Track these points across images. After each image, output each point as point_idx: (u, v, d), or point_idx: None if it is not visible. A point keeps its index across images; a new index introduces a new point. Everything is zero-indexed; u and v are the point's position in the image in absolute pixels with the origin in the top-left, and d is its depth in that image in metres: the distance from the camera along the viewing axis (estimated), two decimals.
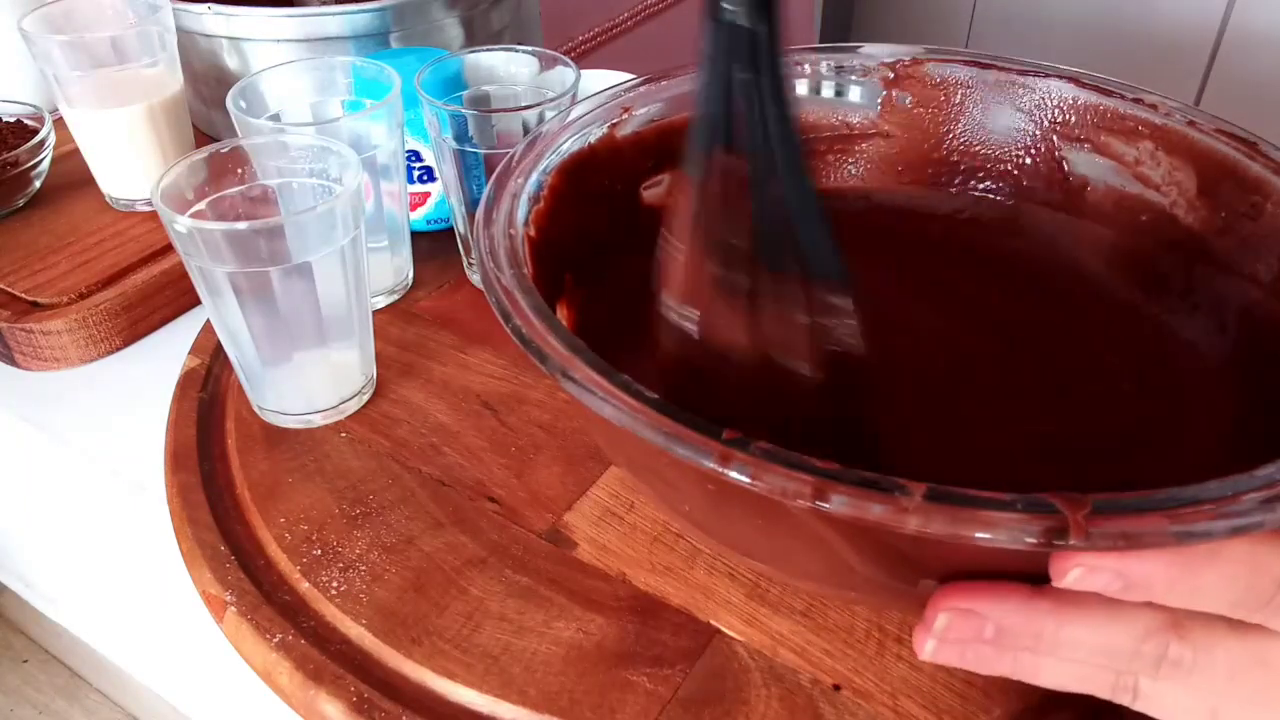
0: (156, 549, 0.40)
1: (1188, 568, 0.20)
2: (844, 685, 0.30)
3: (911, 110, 0.41)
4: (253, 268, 0.35)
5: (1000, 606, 0.22)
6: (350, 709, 0.30)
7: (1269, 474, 0.21)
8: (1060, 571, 0.21)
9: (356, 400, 0.41)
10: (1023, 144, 0.40)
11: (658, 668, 0.31)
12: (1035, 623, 0.22)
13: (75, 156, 0.55)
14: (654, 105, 0.38)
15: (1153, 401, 0.33)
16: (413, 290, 0.49)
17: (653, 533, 0.35)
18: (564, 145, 0.35)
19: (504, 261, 0.28)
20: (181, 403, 0.42)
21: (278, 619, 0.33)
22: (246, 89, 0.43)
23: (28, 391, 0.47)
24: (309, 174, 0.39)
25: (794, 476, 0.21)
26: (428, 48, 0.56)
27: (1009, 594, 0.22)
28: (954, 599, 0.22)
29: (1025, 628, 0.22)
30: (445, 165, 0.45)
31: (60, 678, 0.90)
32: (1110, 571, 0.20)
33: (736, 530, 0.28)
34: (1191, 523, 0.19)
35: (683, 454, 0.22)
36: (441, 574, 0.34)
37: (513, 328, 0.26)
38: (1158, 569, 0.20)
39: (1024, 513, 0.19)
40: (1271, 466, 0.21)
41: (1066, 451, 0.31)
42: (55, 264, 0.50)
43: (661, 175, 0.39)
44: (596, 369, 0.24)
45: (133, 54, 0.50)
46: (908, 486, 0.20)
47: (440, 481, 0.38)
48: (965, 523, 0.19)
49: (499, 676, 0.31)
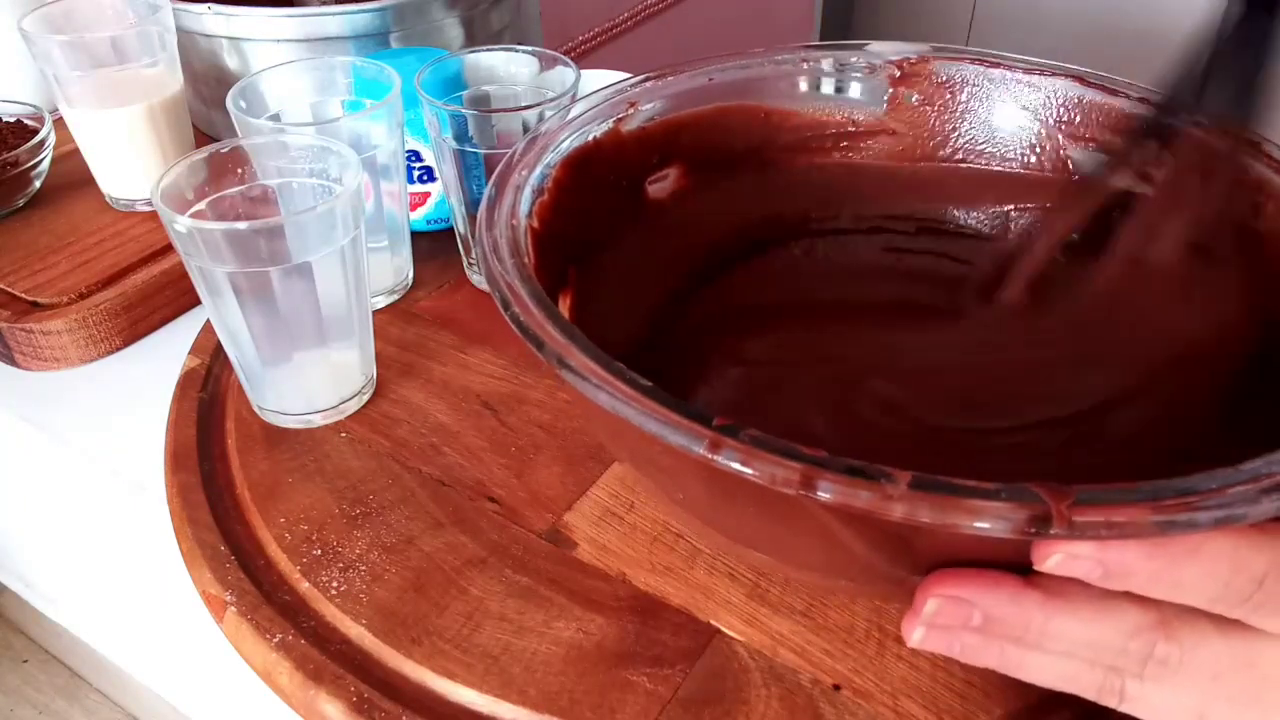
0: (156, 549, 0.40)
1: (1169, 560, 0.21)
2: (844, 685, 0.30)
3: (918, 108, 0.41)
4: (253, 268, 0.35)
5: (989, 595, 0.22)
6: (350, 709, 0.30)
7: (1255, 468, 0.21)
8: (1042, 556, 0.21)
9: (356, 400, 0.41)
10: (1028, 142, 0.40)
11: (658, 668, 0.31)
12: (1023, 613, 0.22)
13: (75, 156, 0.55)
14: (660, 101, 0.38)
15: (1152, 393, 0.33)
16: (413, 290, 0.49)
17: (653, 533, 0.35)
18: (568, 139, 0.35)
19: (505, 251, 0.29)
20: (181, 403, 0.42)
21: (278, 619, 0.33)
22: (246, 89, 0.43)
23: (28, 391, 0.47)
24: (309, 174, 0.39)
25: (782, 463, 0.21)
26: (428, 48, 0.56)
27: (998, 583, 0.22)
28: (943, 586, 0.23)
29: (1014, 618, 0.22)
30: (445, 165, 0.45)
31: (60, 678, 0.90)
32: (1091, 559, 0.21)
33: (730, 517, 0.28)
34: (1174, 514, 0.20)
35: (675, 440, 0.22)
36: (441, 574, 0.34)
37: (511, 315, 0.26)
38: (1139, 559, 0.21)
39: (1008, 501, 0.20)
40: (1258, 460, 0.21)
41: (1085, 440, 0.31)
42: (55, 264, 0.50)
43: (667, 170, 0.39)
44: (592, 356, 0.24)
45: (133, 54, 0.50)
46: (893, 475, 0.20)
47: (440, 481, 0.38)
48: (950, 511, 0.20)
49: (499, 676, 0.31)
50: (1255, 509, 0.20)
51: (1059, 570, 0.21)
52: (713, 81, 0.39)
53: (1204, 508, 0.20)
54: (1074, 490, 0.20)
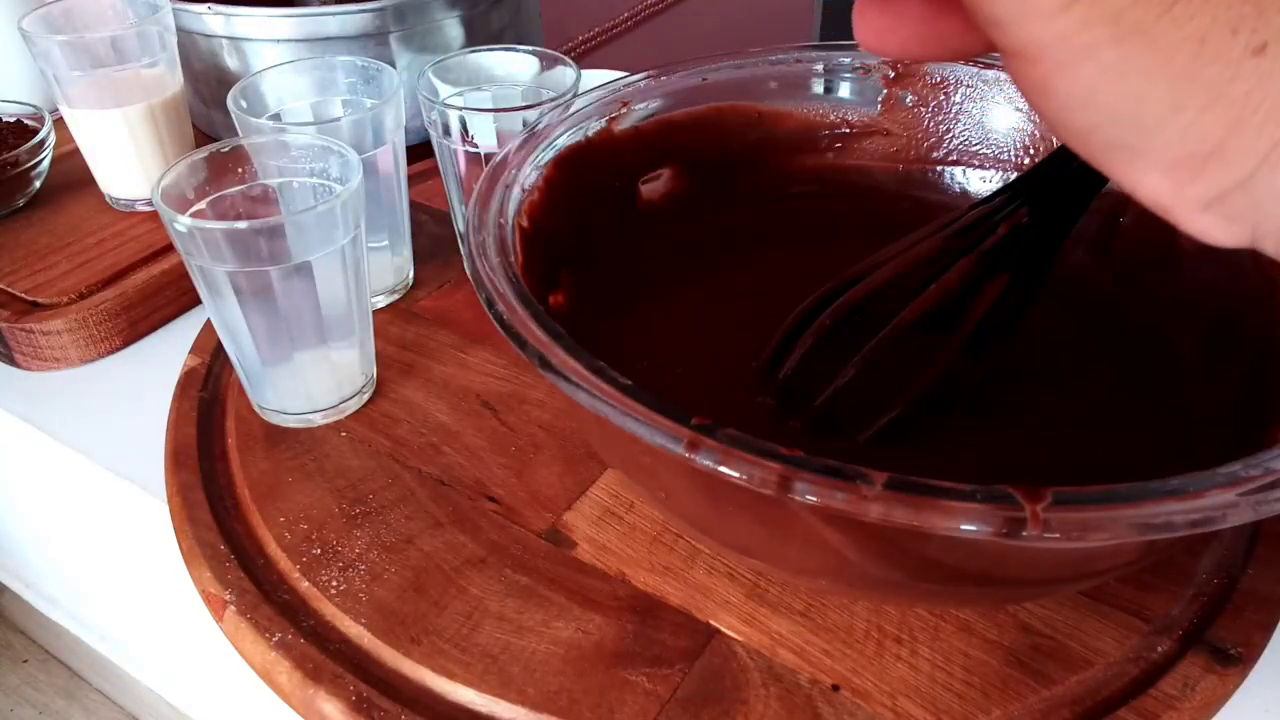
0: (156, 549, 0.40)
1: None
2: (843, 685, 0.30)
3: (912, 109, 0.41)
4: (253, 267, 0.35)
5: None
6: (349, 708, 0.30)
7: (1233, 471, 0.21)
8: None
9: (356, 400, 0.41)
10: (1022, 143, 0.40)
11: (657, 667, 0.31)
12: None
13: (75, 156, 0.55)
14: (653, 100, 0.38)
15: (1132, 395, 0.33)
16: (413, 290, 0.49)
17: (652, 532, 0.35)
18: (560, 139, 0.35)
19: (492, 250, 0.29)
20: (181, 402, 0.42)
21: (277, 618, 0.33)
22: (246, 89, 0.43)
23: (28, 391, 0.47)
24: (309, 173, 0.39)
25: (759, 463, 0.21)
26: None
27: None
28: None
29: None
30: (445, 165, 0.45)
31: (60, 678, 0.90)
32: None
33: (713, 518, 0.28)
34: (1152, 515, 0.20)
35: (654, 440, 0.22)
36: (441, 573, 0.34)
37: (495, 314, 0.26)
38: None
39: (984, 503, 0.20)
40: (1237, 464, 0.21)
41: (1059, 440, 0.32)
42: (55, 264, 0.50)
43: (660, 170, 0.39)
44: (574, 355, 0.24)
45: (133, 54, 0.51)
46: (870, 475, 0.20)
47: (440, 481, 0.38)
48: (926, 512, 0.20)
49: (498, 676, 0.31)
50: (1235, 511, 0.20)
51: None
52: (706, 81, 0.39)
53: (1181, 510, 0.20)
54: (1049, 491, 0.20)
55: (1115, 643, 0.31)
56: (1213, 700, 0.30)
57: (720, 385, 0.34)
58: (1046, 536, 0.19)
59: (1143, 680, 0.30)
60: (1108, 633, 0.31)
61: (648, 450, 0.22)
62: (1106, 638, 0.31)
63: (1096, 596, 0.32)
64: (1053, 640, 0.31)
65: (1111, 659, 0.31)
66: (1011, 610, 0.32)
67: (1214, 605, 0.32)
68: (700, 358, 0.35)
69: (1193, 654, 0.31)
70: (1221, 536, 0.34)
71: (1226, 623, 0.32)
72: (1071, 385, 0.34)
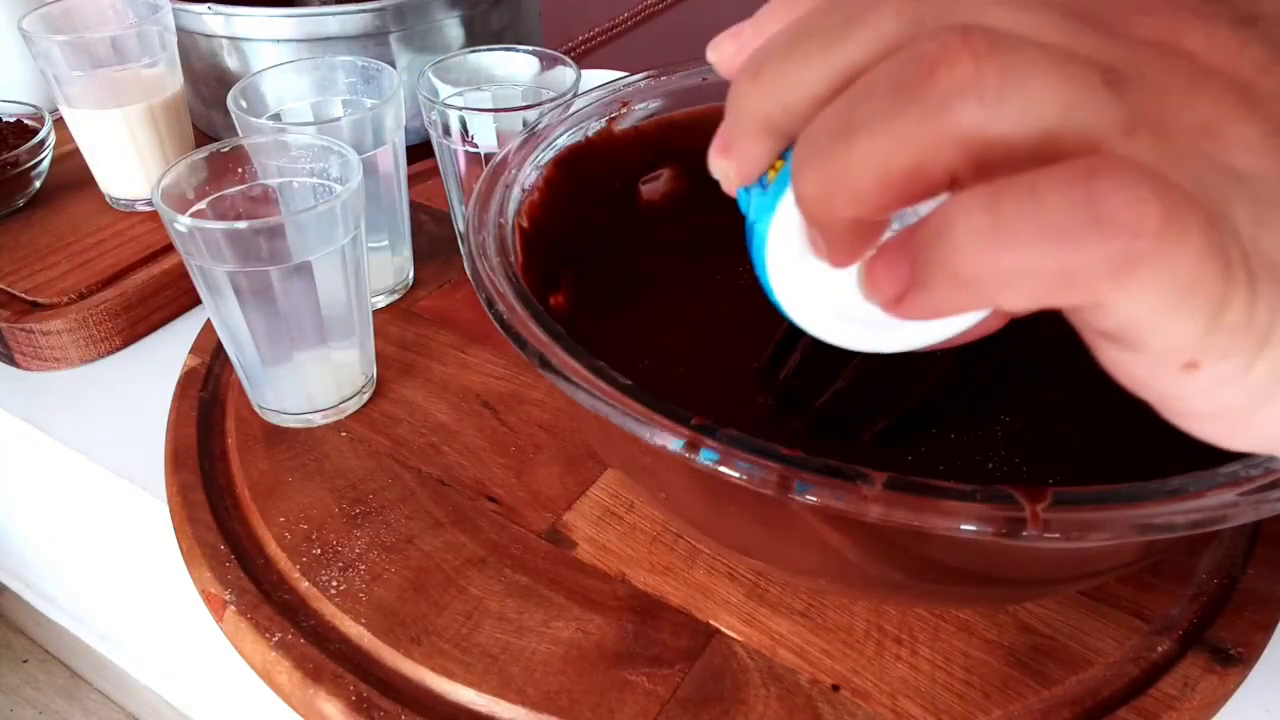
0: (156, 549, 0.40)
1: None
2: (843, 685, 0.30)
3: None
4: (253, 267, 0.35)
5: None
6: (349, 708, 0.30)
7: (1233, 471, 0.21)
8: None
9: (357, 400, 0.41)
10: None
11: (657, 667, 0.31)
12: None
13: (75, 156, 0.55)
14: (653, 100, 0.38)
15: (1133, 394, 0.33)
16: (413, 290, 0.49)
17: (652, 532, 0.35)
18: (560, 139, 0.35)
19: (491, 250, 0.29)
20: (181, 402, 0.42)
21: (277, 618, 0.33)
22: (246, 89, 0.43)
23: (28, 391, 0.47)
24: (309, 173, 0.39)
25: (759, 463, 0.21)
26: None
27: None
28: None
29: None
30: (446, 165, 0.45)
31: (60, 678, 0.90)
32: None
33: (713, 519, 0.28)
34: (1152, 515, 0.20)
35: (653, 440, 0.22)
36: (441, 573, 0.34)
37: (495, 313, 0.26)
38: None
39: (983, 503, 0.20)
40: (1237, 464, 0.21)
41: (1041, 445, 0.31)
42: (55, 264, 0.50)
43: (660, 170, 0.39)
44: (573, 355, 0.24)
45: (133, 54, 0.51)
46: (870, 475, 0.20)
47: (440, 481, 0.38)
48: (926, 512, 0.20)
49: (498, 676, 0.31)
50: (1235, 510, 0.20)
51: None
52: (706, 81, 0.39)
53: (1181, 510, 0.20)
54: (1049, 491, 0.20)
55: (1115, 643, 0.31)
56: (1213, 700, 0.30)
57: (721, 385, 0.34)
58: (1046, 536, 0.19)
59: (1143, 680, 0.30)
60: (1108, 633, 0.31)
61: (648, 450, 0.22)
62: (1106, 638, 0.31)
63: (1096, 596, 0.32)
64: (1053, 640, 0.31)
65: (1111, 659, 0.31)
66: (1011, 610, 0.32)
67: (1214, 605, 0.32)
68: (700, 358, 0.35)
69: (1193, 654, 0.31)
70: (1221, 536, 0.34)
71: (1226, 623, 0.32)
72: (1072, 384, 0.34)
